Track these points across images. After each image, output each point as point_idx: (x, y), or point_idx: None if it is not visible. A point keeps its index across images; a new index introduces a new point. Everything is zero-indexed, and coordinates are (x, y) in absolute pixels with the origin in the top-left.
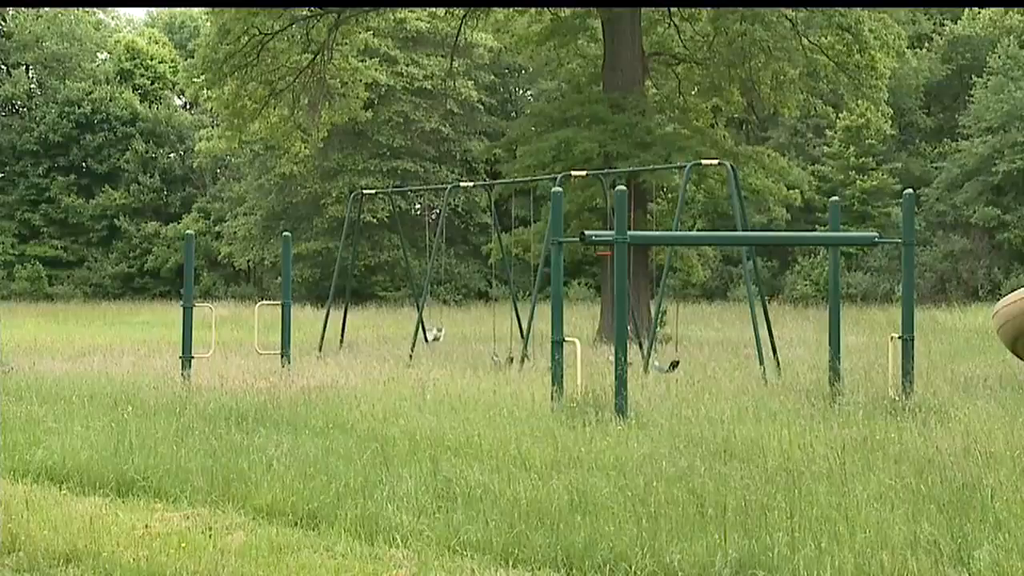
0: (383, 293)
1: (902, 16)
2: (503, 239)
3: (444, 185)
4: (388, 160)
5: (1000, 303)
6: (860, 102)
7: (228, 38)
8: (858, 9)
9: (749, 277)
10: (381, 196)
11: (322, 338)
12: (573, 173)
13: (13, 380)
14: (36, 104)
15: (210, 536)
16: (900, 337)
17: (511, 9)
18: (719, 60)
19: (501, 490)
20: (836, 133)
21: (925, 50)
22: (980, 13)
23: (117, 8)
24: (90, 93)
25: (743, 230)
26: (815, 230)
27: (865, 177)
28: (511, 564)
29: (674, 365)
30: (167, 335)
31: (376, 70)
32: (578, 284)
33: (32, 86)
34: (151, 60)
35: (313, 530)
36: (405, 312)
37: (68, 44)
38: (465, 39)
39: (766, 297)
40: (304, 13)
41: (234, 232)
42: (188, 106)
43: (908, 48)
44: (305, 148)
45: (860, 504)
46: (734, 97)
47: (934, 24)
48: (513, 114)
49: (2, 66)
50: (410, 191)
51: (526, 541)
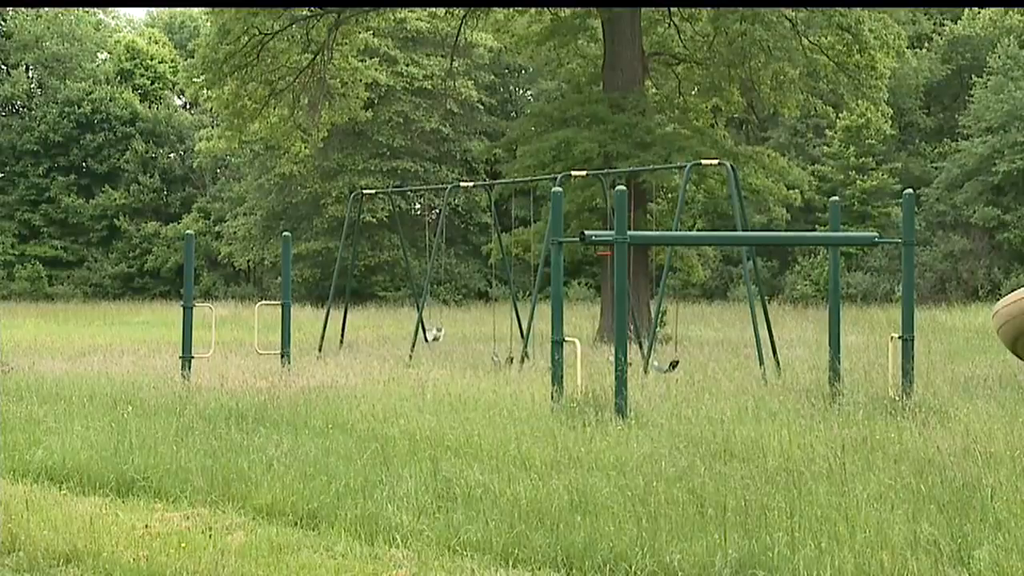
0: (383, 293)
1: (902, 16)
2: (503, 239)
3: (444, 185)
4: (388, 160)
5: (1000, 303)
6: (860, 102)
7: (228, 38)
8: (858, 9)
9: (749, 277)
10: (381, 196)
11: (322, 338)
12: (573, 173)
13: (13, 380)
14: (36, 104)
15: (210, 536)
16: (900, 337)
17: (511, 9)
18: (719, 60)
19: (501, 490)
20: (836, 133)
21: (925, 50)
22: (980, 13)
23: (117, 8)
24: (90, 93)
25: (743, 230)
26: (815, 230)
27: (865, 177)
28: (511, 564)
29: (674, 365)
30: (167, 335)
31: (376, 70)
32: (578, 284)
33: (32, 86)
34: (151, 60)
35: (313, 530)
36: (405, 312)
37: (68, 44)
38: (465, 39)
39: (766, 297)
40: (304, 13)
41: (234, 232)
42: (188, 106)
43: (908, 48)
44: (305, 148)
45: (860, 504)
46: (734, 97)
47: (934, 24)
48: (513, 114)
49: (2, 66)
50: (410, 191)
51: (526, 541)
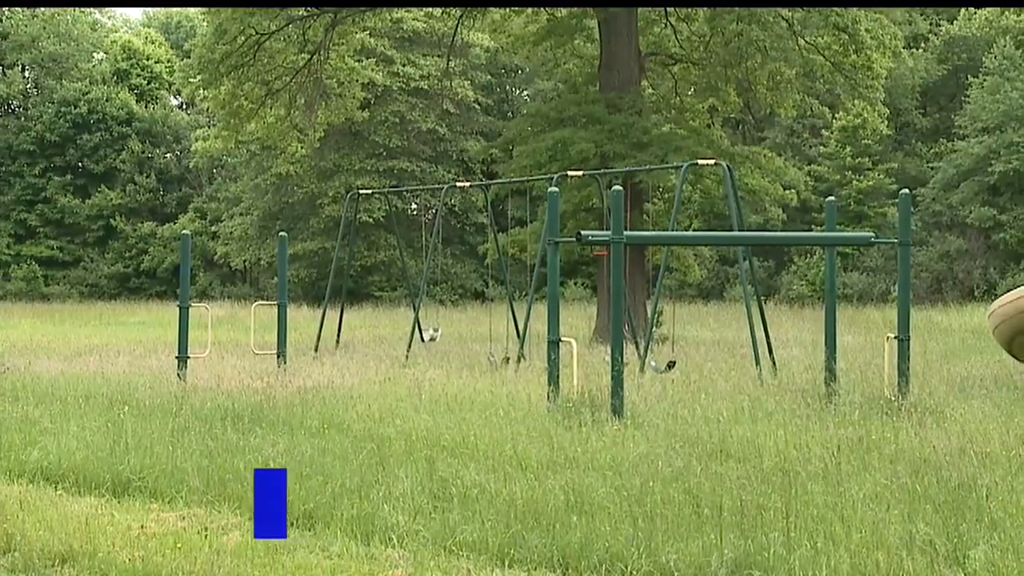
0: (379, 293)
1: (898, 16)
2: (500, 239)
3: (440, 185)
4: (384, 160)
5: (996, 303)
6: (856, 102)
7: (224, 38)
8: (855, 9)
9: (745, 277)
10: (377, 196)
11: (318, 338)
12: (570, 173)
13: (9, 380)
14: (32, 104)
15: (206, 536)
16: (896, 337)
17: (507, 9)
18: (715, 60)
19: (497, 490)
20: (832, 133)
21: (921, 50)
22: (976, 13)
23: (114, 8)
24: (86, 93)
25: (739, 230)
26: (811, 230)
27: (861, 177)
28: (507, 564)
29: (670, 365)
30: (163, 335)
31: (372, 70)
32: (574, 284)
33: (28, 86)
34: (147, 60)
35: (309, 530)
36: (401, 312)
37: (64, 44)
38: (461, 39)
39: (762, 297)
40: (301, 13)
41: (230, 232)
42: (184, 106)
43: (904, 48)
44: (301, 148)
45: (856, 504)
46: (730, 97)
47: (930, 24)
48: (509, 114)
49: None
50: (406, 191)
51: (522, 541)
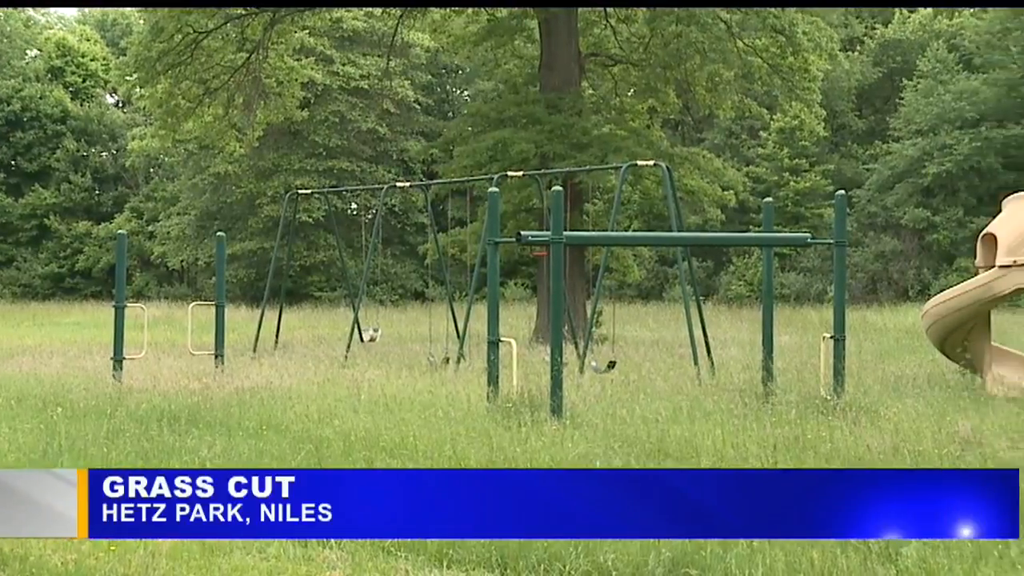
0: (319, 293)
1: (834, 19)
2: (440, 239)
3: (380, 185)
4: (324, 160)
5: (929, 303)
6: (794, 104)
7: (161, 36)
8: (792, 11)
9: (684, 277)
10: (317, 196)
11: (256, 339)
12: (510, 174)
13: None
14: None
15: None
16: (832, 337)
17: (448, 9)
18: (655, 61)
19: None
20: (770, 135)
21: (857, 53)
22: (910, 17)
23: (50, 8)
24: (19, 91)
25: (678, 231)
26: (749, 231)
27: (798, 178)
28: (445, 565)
29: (611, 365)
30: (98, 336)
31: (312, 69)
32: (514, 284)
33: None
34: (82, 58)
35: None
36: (341, 312)
37: None
38: (402, 39)
39: (701, 297)
40: (239, 12)
41: (167, 232)
42: (120, 104)
43: (840, 51)
44: (240, 148)
45: None
46: (670, 98)
47: (865, 27)
48: (450, 114)
49: None
50: (346, 191)
51: (460, 542)
